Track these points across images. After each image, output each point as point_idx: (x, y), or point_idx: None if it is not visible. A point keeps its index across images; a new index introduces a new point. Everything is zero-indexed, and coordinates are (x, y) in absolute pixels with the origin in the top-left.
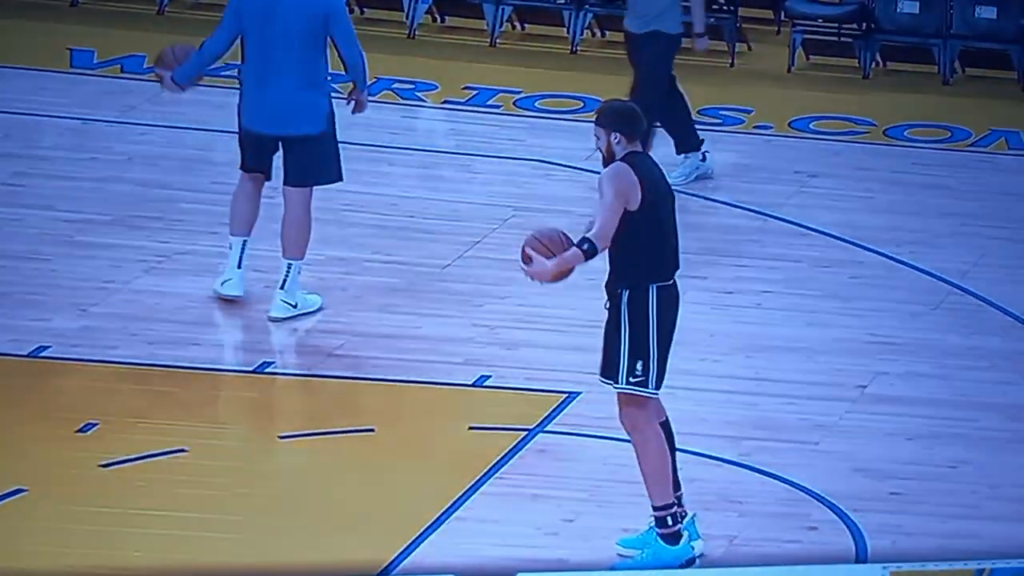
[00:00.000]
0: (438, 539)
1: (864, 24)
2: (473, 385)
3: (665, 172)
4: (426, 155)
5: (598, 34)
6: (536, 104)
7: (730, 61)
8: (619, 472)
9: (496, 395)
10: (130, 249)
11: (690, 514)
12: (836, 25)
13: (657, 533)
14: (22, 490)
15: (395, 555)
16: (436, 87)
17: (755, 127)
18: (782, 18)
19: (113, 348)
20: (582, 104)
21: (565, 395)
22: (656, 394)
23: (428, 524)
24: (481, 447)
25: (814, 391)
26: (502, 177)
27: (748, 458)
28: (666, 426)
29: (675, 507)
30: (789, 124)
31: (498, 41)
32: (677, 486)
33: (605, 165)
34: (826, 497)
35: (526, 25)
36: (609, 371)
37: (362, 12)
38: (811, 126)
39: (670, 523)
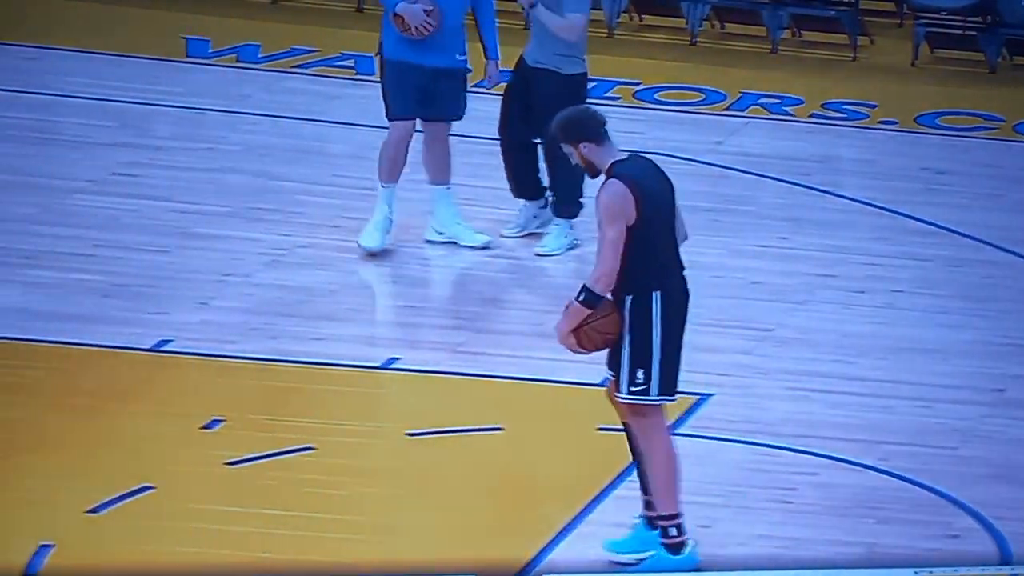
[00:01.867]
0: (571, 543)
1: (988, 17)
2: (601, 384)
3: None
4: None
5: (717, 25)
6: (655, 96)
7: (852, 55)
8: (755, 477)
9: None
10: (249, 241)
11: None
12: (960, 18)
13: (661, 541)
14: (148, 487)
15: (530, 558)
16: None
17: (879, 122)
18: (904, 10)
19: (235, 343)
20: (703, 96)
21: (697, 396)
22: (659, 402)
23: (560, 527)
24: (611, 449)
25: (950, 394)
26: None
27: (886, 463)
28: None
29: (680, 517)
30: (915, 119)
31: (617, 33)
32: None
33: (592, 176)
34: (968, 504)
35: (644, 16)
36: (615, 381)
37: None
38: (937, 121)
39: (674, 534)
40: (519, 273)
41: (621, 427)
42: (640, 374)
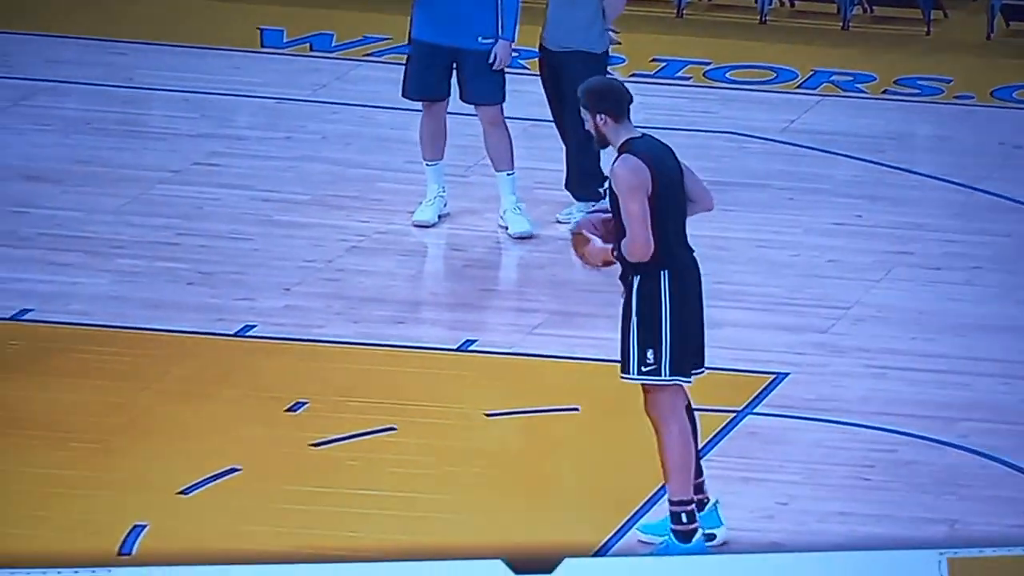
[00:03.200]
0: (647, 521)
1: None
2: None
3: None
4: None
5: (787, 3)
6: (726, 75)
7: (926, 29)
8: (834, 455)
9: (701, 376)
10: (330, 228)
11: (712, 500)
12: None
13: (671, 527)
14: (236, 469)
15: (608, 537)
16: (623, 60)
17: (955, 97)
18: None
19: (318, 327)
20: (774, 75)
21: (773, 375)
22: (671, 382)
23: (639, 506)
24: None
25: None
26: (694, 151)
27: (966, 440)
28: (689, 411)
29: (692, 504)
30: (991, 94)
31: (686, 12)
32: (699, 472)
33: (600, 146)
34: None
35: None
36: (623, 362)
37: None
38: (1014, 95)
39: (684, 520)
40: None
41: (697, 408)
42: (650, 354)
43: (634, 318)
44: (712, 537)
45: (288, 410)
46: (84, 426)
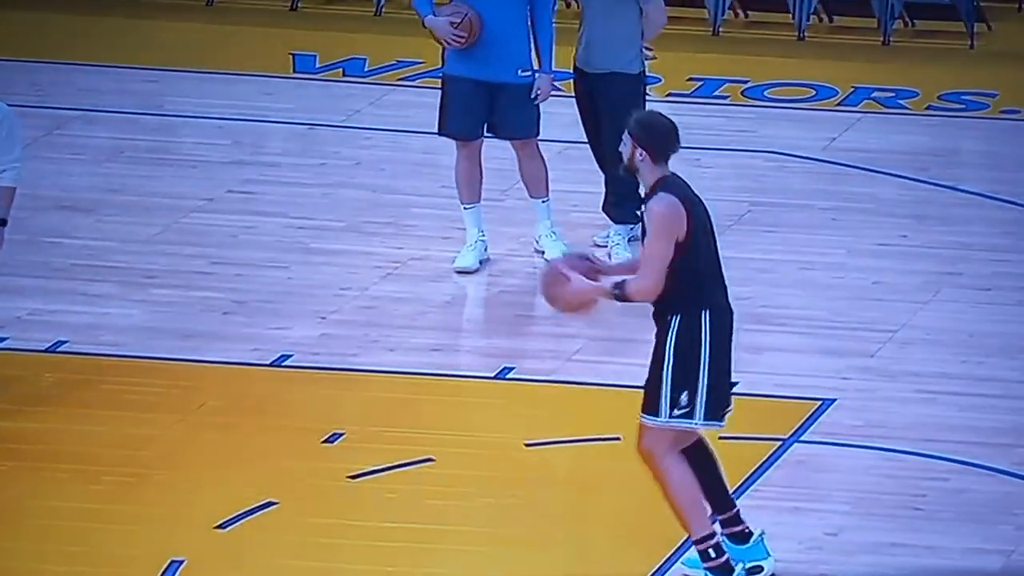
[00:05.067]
0: (693, 555)
1: None
2: None
3: None
4: None
5: (825, 19)
6: (765, 93)
7: (969, 42)
8: (883, 483)
9: (745, 403)
10: (364, 255)
11: (758, 531)
12: None
13: (703, 568)
14: (273, 503)
15: (652, 571)
16: (659, 80)
17: (1001, 112)
18: None
19: (354, 356)
20: (814, 92)
21: (819, 402)
22: (705, 427)
23: (684, 539)
24: (735, 457)
25: None
26: (734, 171)
27: (1022, 467)
28: (702, 446)
29: (716, 537)
30: None
31: (721, 30)
32: (731, 504)
33: (631, 175)
34: None
35: (749, 12)
36: (649, 403)
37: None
38: None
39: (713, 555)
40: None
41: (742, 436)
42: (684, 397)
43: (670, 359)
44: (760, 570)
45: (325, 441)
46: (119, 459)
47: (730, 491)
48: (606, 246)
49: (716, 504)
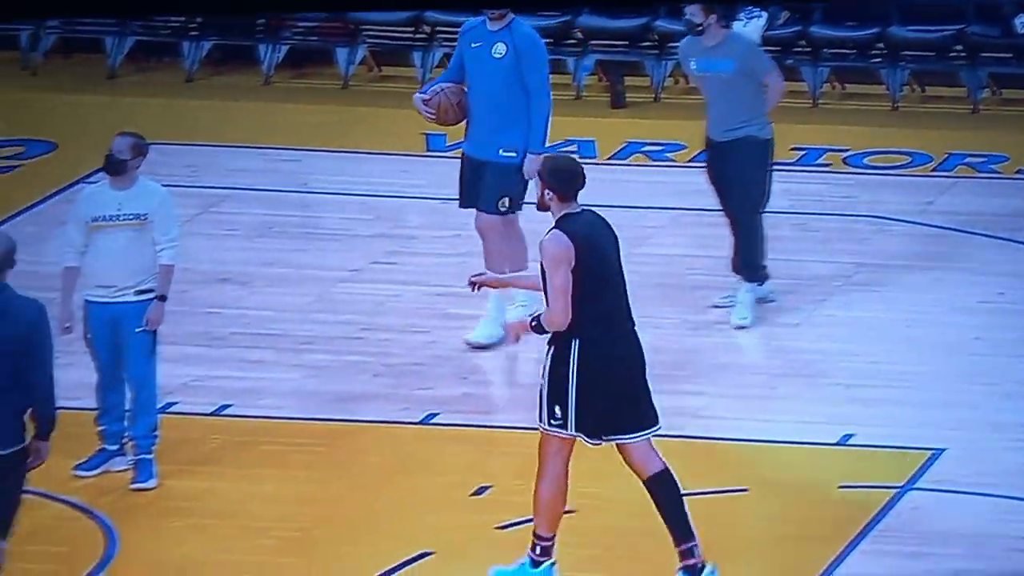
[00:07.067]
0: None
1: None
2: (838, 444)
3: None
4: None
5: (917, 89)
6: (864, 161)
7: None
8: (998, 528)
9: (862, 453)
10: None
11: (709, 566)
12: None
13: (528, 553)
14: (428, 553)
15: None
16: None
17: None
18: None
19: (495, 413)
20: (909, 159)
21: (931, 451)
22: (577, 438)
23: None
24: (853, 506)
25: None
26: (839, 235)
27: None
28: (666, 476)
29: (549, 541)
30: None
31: (820, 101)
32: (689, 535)
33: (540, 210)
34: None
35: (846, 85)
36: (539, 412)
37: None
38: None
39: (538, 552)
40: (749, 337)
41: (859, 485)
42: (558, 410)
43: (547, 378)
44: None
45: (473, 494)
46: (283, 515)
47: (691, 526)
48: (730, 306)
49: (676, 536)
